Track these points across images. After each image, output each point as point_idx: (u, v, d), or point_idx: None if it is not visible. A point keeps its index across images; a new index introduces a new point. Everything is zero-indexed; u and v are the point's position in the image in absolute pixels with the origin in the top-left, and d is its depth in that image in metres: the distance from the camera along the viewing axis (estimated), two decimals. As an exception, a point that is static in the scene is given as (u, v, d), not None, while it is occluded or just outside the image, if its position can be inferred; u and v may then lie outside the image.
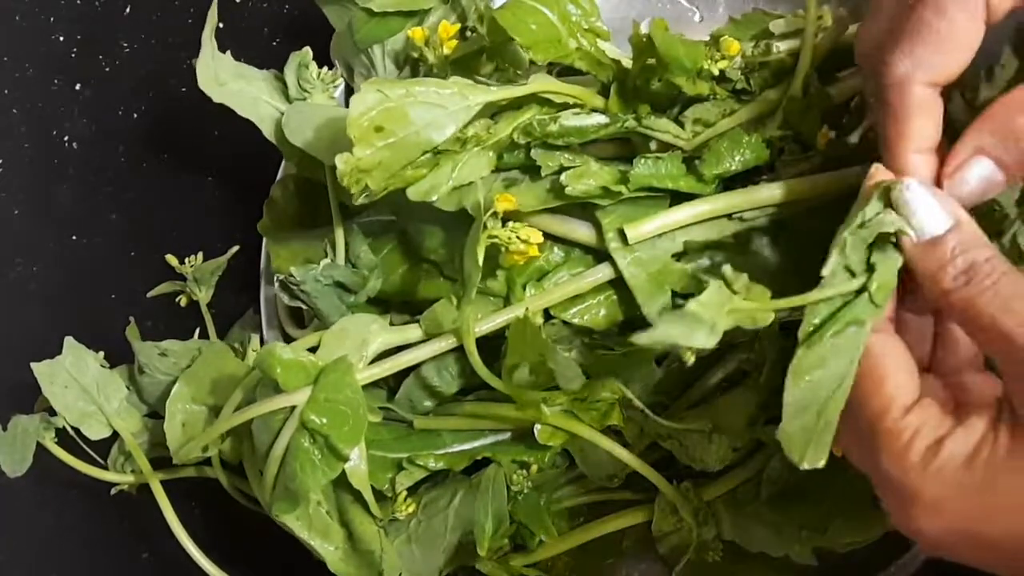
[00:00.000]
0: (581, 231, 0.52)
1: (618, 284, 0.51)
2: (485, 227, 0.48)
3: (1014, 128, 0.39)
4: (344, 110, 0.55)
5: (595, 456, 0.55)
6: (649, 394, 0.53)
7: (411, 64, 0.58)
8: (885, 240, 0.39)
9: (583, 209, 0.51)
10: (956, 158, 0.40)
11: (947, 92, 0.41)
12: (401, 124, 0.47)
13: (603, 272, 0.51)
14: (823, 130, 0.50)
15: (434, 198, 0.50)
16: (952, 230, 0.38)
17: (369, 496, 0.52)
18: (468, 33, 0.55)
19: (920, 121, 0.40)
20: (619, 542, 0.58)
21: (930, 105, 0.40)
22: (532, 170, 0.51)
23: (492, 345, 0.52)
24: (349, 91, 0.62)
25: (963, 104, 0.46)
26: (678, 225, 0.50)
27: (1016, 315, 0.36)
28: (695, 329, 0.36)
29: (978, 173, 0.40)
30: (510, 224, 0.48)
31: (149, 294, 0.69)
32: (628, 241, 0.49)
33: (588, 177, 0.49)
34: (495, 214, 0.48)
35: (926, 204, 0.39)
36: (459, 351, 0.53)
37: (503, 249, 0.48)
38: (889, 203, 0.39)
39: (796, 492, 0.53)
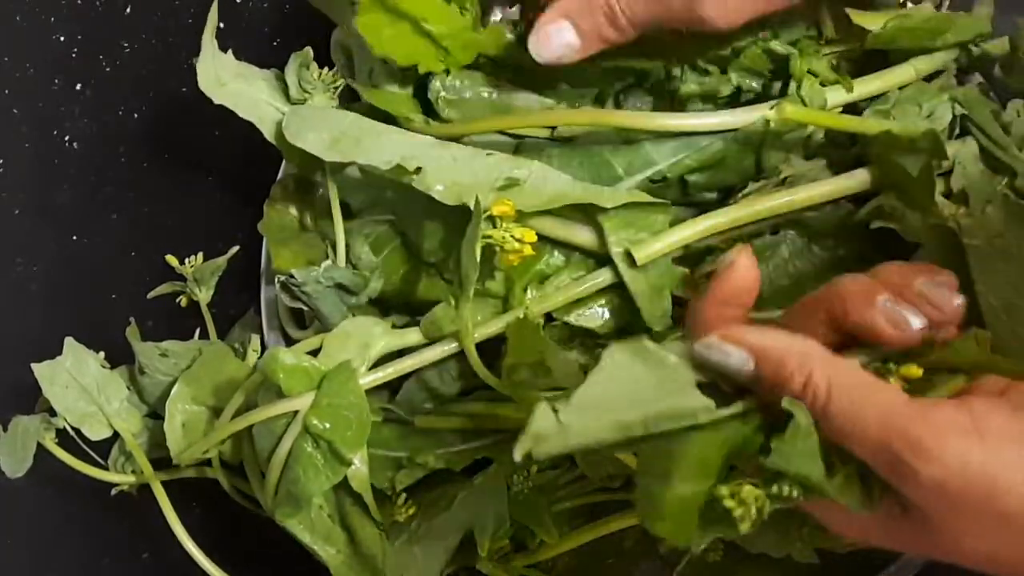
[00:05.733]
0: (582, 235, 0.52)
1: (620, 287, 0.51)
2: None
3: (593, 4, 0.47)
4: (345, 113, 0.56)
5: (595, 456, 0.55)
6: (650, 394, 0.53)
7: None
8: None
9: (584, 213, 0.51)
10: (545, 18, 0.48)
11: None
12: None
13: (604, 276, 0.51)
14: None
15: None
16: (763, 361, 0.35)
17: (370, 500, 0.52)
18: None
19: None
20: (620, 542, 0.58)
21: None
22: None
23: (492, 346, 0.52)
24: (350, 90, 0.62)
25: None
26: (684, 243, 0.50)
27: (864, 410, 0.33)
28: None
29: (559, 37, 0.48)
30: (504, 224, 0.48)
31: (149, 295, 0.68)
32: (637, 264, 0.50)
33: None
34: (491, 217, 0.48)
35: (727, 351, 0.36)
36: (460, 353, 0.53)
37: (498, 249, 0.48)
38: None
39: (797, 492, 0.53)
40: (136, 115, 0.74)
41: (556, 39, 0.48)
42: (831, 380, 0.34)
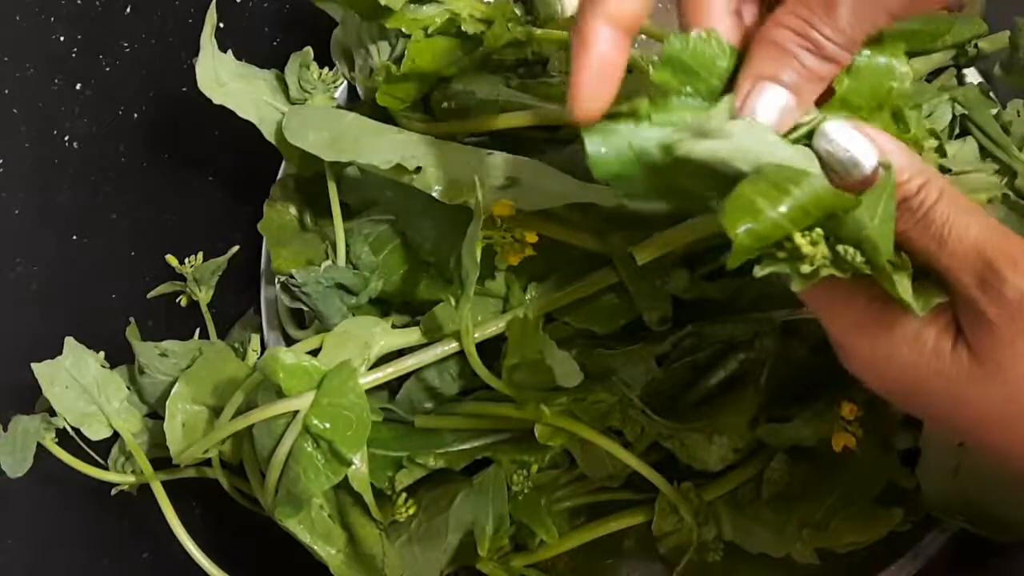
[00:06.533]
0: (583, 235, 0.52)
1: (620, 287, 0.51)
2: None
3: (785, 47, 0.36)
4: (345, 113, 0.56)
5: (595, 456, 0.55)
6: (649, 394, 0.53)
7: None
8: None
9: (584, 213, 0.51)
10: (740, 91, 0.37)
11: None
12: None
13: (604, 276, 0.51)
14: None
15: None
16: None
17: (370, 499, 0.52)
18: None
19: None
20: (620, 542, 0.58)
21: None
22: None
23: (492, 346, 0.52)
24: (351, 89, 0.62)
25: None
26: (683, 241, 0.50)
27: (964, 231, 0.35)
28: None
29: (773, 102, 0.37)
30: (504, 224, 0.48)
31: (149, 294, 0.68)
32: (637, 263, 0.50)
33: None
34: (491, 217, 0.48)
35: (859, 137, 0.36)
36: (460, 353, 0.53)
37: (498, 249, 0.49)
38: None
39: (797, 492, 0.53)
40: (136, 115, 0.74)
41: (769, 106, 0.37)
42: (943, 190, 0.35)
